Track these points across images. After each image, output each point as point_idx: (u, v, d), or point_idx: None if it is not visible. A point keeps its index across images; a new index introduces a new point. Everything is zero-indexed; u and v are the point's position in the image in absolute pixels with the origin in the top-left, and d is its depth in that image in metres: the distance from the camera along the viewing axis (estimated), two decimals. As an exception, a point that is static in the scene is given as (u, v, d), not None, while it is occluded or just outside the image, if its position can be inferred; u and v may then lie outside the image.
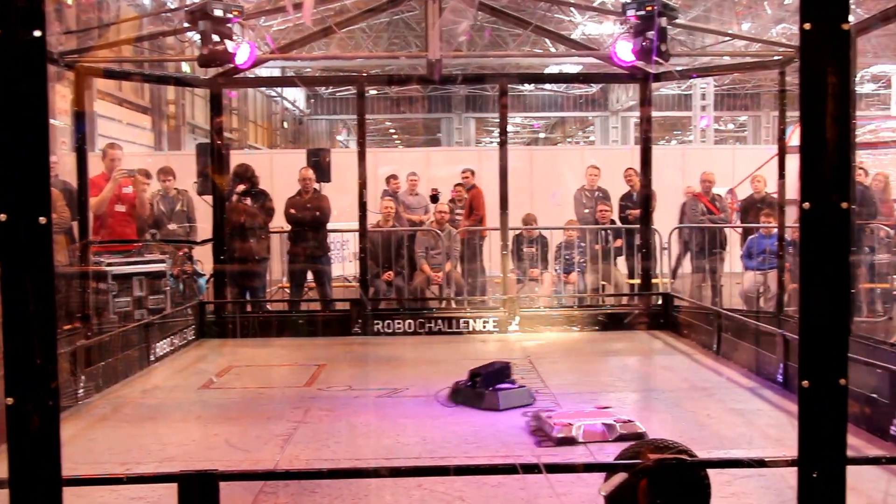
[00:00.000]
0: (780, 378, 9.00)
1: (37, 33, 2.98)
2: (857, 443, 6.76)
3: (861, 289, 14.45)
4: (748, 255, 15.39)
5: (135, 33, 16.88)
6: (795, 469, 3.47)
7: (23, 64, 2.97)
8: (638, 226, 14.39)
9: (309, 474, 5.80)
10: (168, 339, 11.63)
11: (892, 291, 14.98)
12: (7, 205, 2.94)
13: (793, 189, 10.67)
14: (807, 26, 3.24)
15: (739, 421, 7.78)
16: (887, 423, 6.93)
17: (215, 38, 11.56)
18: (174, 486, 4.35)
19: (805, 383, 3.36)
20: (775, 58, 12.65)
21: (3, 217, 2.93)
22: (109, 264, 12.21)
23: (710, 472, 4.60)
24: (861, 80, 40.48)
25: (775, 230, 13.26)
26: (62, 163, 13.03)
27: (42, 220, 2.95)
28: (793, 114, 11.53)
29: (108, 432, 7.81)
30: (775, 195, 13.57)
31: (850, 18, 3.29)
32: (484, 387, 8.49)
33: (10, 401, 2.98)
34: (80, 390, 8.95)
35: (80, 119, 12.16)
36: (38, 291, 2.95)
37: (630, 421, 7.20)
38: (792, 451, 3.57)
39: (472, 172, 17.33)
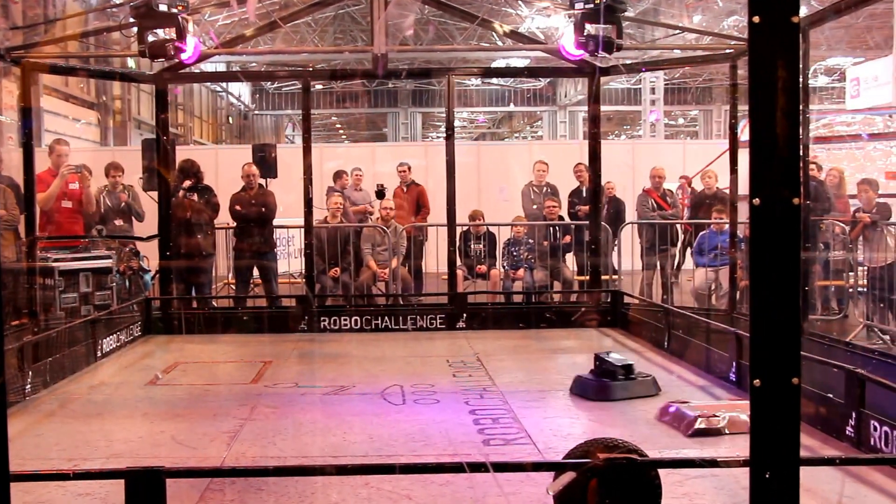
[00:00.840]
0: (732, 377, 9.05)
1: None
2: (812, 443, 6.81)
3: (815, 286, 14.55)
4: (699, 252, 15.48)
5: (80, 29, 16.74)
6: (748, 469, 3.50)
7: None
8: (587, 222, 14.45)
9: (255, 472, 5.81)
10: (114, 335, 11.56)
11: (846, 289, 15.08)
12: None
13: (744, 184, 10.79)
14: (756, 19, 3.27)
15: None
16: (843, 424, 6.94)
17: (160, 33, 11.50)
18: (121, 482, 4.34)
19: (756, 382, 3.39)
20: (726, 51, 12.72)
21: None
22: (56, 260, 12.16)
23: (662, 472, 4.61)
24: (815, 74, 40.85)
25: (727, 226, 13.34)
26: (8, 159, 12.93)
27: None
28: (745, 108, 11.64)
29: (55, 428, 7.76)
30: (727, 190, 13.67)
31: (802, 11, 3.33)
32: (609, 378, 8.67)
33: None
34: (27, 386, 8.89)
35: (27, 115, 12.08)
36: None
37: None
38: (745, 452, 3.60)
39: (409, 167, 17.36)
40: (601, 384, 8.65)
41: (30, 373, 8.99)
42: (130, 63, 19.46)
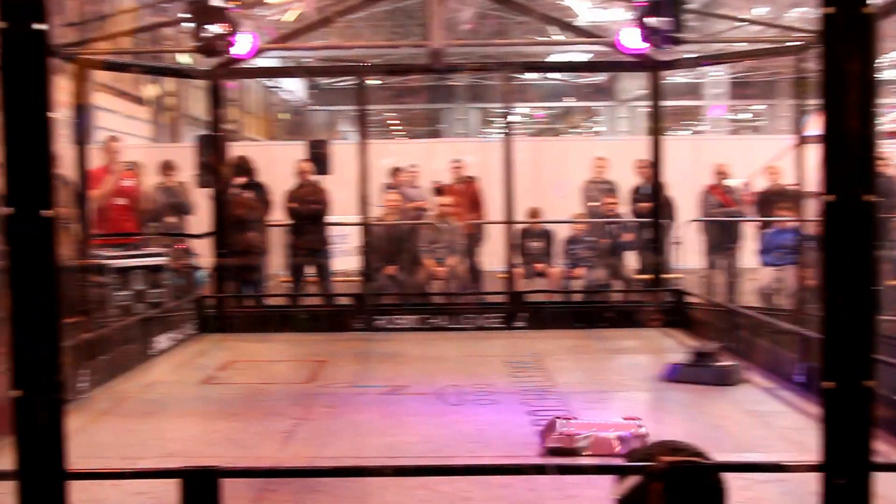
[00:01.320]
0: (799, 378, 8.98)
1: (39, 26, 3.00)
2: (885, 449, 6.72)
3: (887, 286, 14.36)
4: (764, 250, 15.34)
5: (134, 25, 16.91)
6: (818, 474, 3.46)
7: (27, 57, 2.99)
8: (649, 219, 14.37)
9: (311, 472, 5.84)
10: (168, 333, 11.67)
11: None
12: (12, 199, 2.97)
13: (811, 181, 10.65)
14: (829, 10, 3.24)
15: (757, 423, 7.76)
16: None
17: (214, 28, 11.60)
18: (176, 481, 4.38)
19: (828, 385, 3.35)
20: (792, 43, 12.61)
21: (8, 211, 2.96)
22: (110, 258, 12.27)
23: (727, 476, 4.59)
24: (883, 66, 40.38)
25: (792, 224, 13.23)
26: (62, 156, 13.07)
27: (47, 213, 2.98)
28: (811, 102, 11.54)
29: (109, 427, 7.85)
30: (793, 187, 13.54)
31: (873, 0, 3.29)
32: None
33: (16, 393, 3.01)
34: (82, 384, 8.98)
35: (81, 112, 12.21)
36: (43, 285, 2.97)
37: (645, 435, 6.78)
38: (813, 456, 3.56)
39: (463, 163, 17.33)
40: (720, 370, 9.09)
41: (84, 371, 9.08)
42: (184, 59, 19.61)
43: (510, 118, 13.64)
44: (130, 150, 16.64)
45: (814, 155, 3.20)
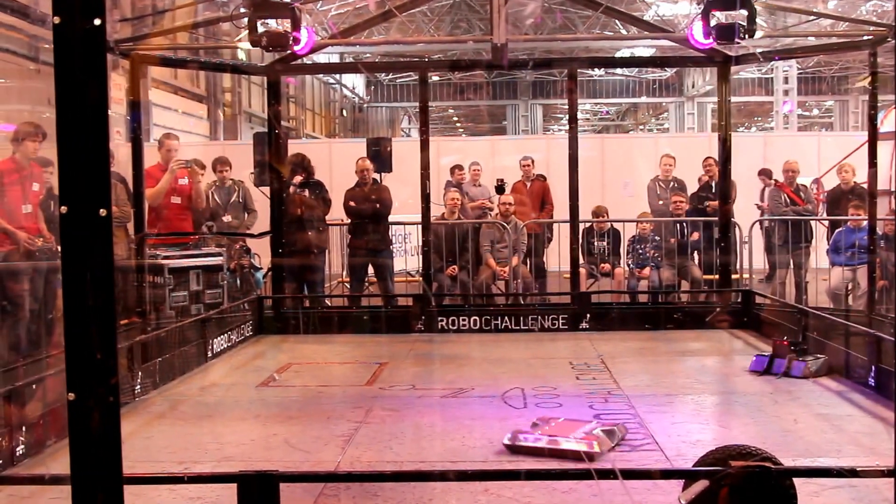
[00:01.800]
0: (871, 381, 8.88)
1: (97, 21, 3.02)
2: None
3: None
4: (835, 250, 15.20)
5: (190, 20, 17.01)
6: (892, 480, 3.42)
7: (83, 53, 3.01)
8: (716, 218, 14.28)
9: (371, 476, 5.85)
10: (226, 334, 11.74)
11: None
12: (67, 197, 2.99)
13: (885, 179, 10.55)
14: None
15: (827, 427, 7.68)
16: None
17: (272, 23, 11.66)
18: (233, 486, 4.40)
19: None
20: (865, 37, 12.47)
21: (64, 209, 2.98)
22: (166, 258, 12.34)
23: (797, 481, 4.54)
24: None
25: (865, 223, 13.09)
26: (117, 154, 13.18)
27: (102, 212, 2.99)
28: (885, 97, 11.40)
29: (165, 430, 7.91)
30: (865, 185, 13.39)
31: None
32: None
33: (71, 396, 3.03)
34: (138, 387, 9.07)
35: (136, 108, 12.31)
36: (98, 285, 2.99)
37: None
38: (886, 461, 3.52)
39: (533, 161, 17.28)
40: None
41: (140, 373, 9.16)
42: (241, 55, 19.74)
43: (576, 115, 13.52)
44: (187, 148, 16.77)
45: (887, 152, 3.14)
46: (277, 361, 11.16)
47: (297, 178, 13.97)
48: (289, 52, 12.42)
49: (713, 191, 15.92)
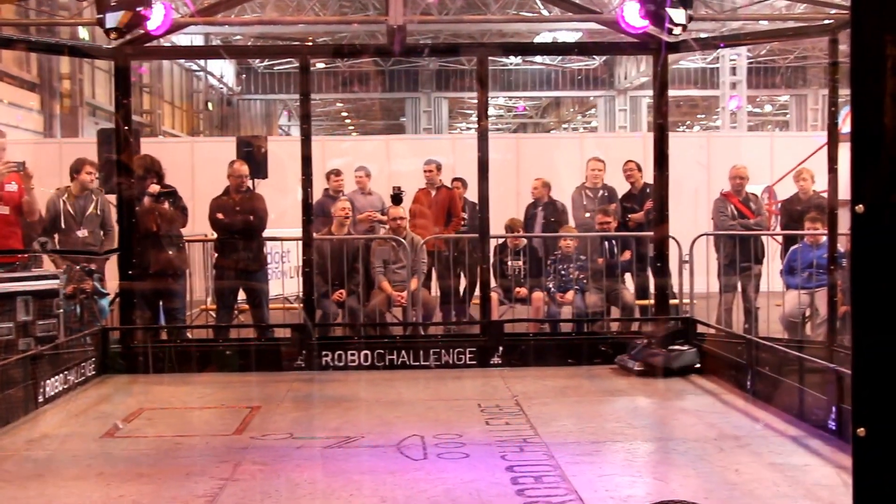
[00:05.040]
0: (832, 425, 9.00)
1: None
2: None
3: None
4: (790, 271, 15.40)
5: (19, -10, 16.85)
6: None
7: None
8: (650, 233, 14.40)
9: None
10: (61, 374, 11.54)
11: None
12: None
13: (846, 187, 10.69)
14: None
15: (780, 479, 7.78)
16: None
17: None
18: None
19: (861, 432, 3.35)
20: (825, 22, 12.66)
21: None
22: (-14, 281, 12.14)
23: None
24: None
25: (824, 239, 13.27)
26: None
27: None
28: (847, 92, 11.58)
29: (-16, 493, 7.79)
30: (825, 195, 13.59)
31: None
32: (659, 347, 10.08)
33: None
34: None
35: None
36: None
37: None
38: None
39: (439, 166, 17.31)
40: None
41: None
42: (83, 34, 19.51)
43: (486, 110, 13.57)
44: (15, 148, 16.53)
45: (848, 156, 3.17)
46: (126, 407, 11.03)
47: (154, 187, 13.79)
48: (140, 31, 12.30)
49: (641, 201, 16.10)
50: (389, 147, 26.84)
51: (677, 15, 11.65)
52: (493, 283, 14.49)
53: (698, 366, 11.17)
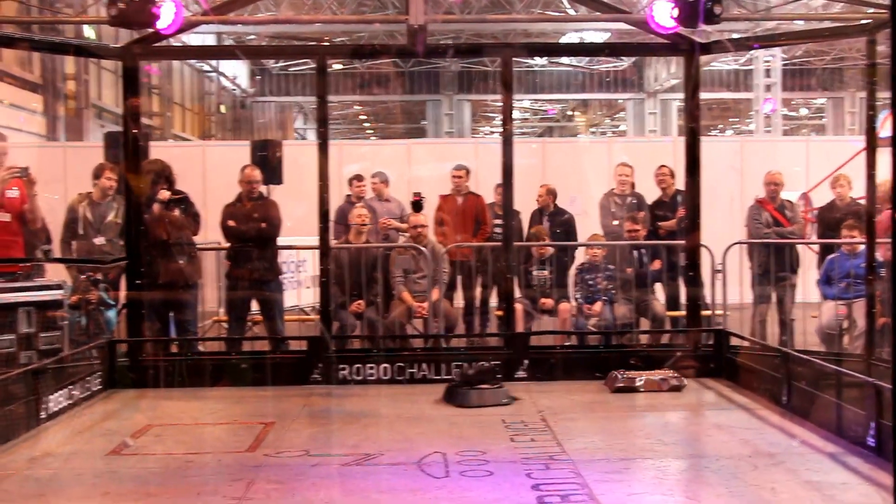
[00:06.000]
0: (871, 441, 8.95)
1: None
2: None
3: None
4: (827, 281, 15.33)
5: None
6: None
7: None
8: (681, 242, 14.34)
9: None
10: (66, 389, 11.51)
11: None
12: None
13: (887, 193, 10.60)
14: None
15: (818, 497, 7.74)
16: None
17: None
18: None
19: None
20: (863, 21, 12.59)
21: None
22: (-13, 291, 12.11)
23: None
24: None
25: (862, 247, 13.21)
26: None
27: None
28: (887, 95, 11.51)
29: (-20, 515, 7.78)
30: (862, 201, 13.53)
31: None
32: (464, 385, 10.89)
33: None
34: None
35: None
36: None
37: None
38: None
39: (468, 171, 17.27)
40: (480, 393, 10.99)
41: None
42: (89, 33, 19.50)
43: (511, 114, 13.54)
44: (17, 151, 16.52)
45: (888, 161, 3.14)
46: (133, 423, 11.01)
47: (164, 194, 13.72)
48: (150, 30, 12.29)
49: (673, 208, 16.05)
50: (410, 151, 26.84)
51: (709, 15, 11.61)
52: (517, 294, 14.44)
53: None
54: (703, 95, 14.21)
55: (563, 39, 38.24)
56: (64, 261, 14.07)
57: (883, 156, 11.64)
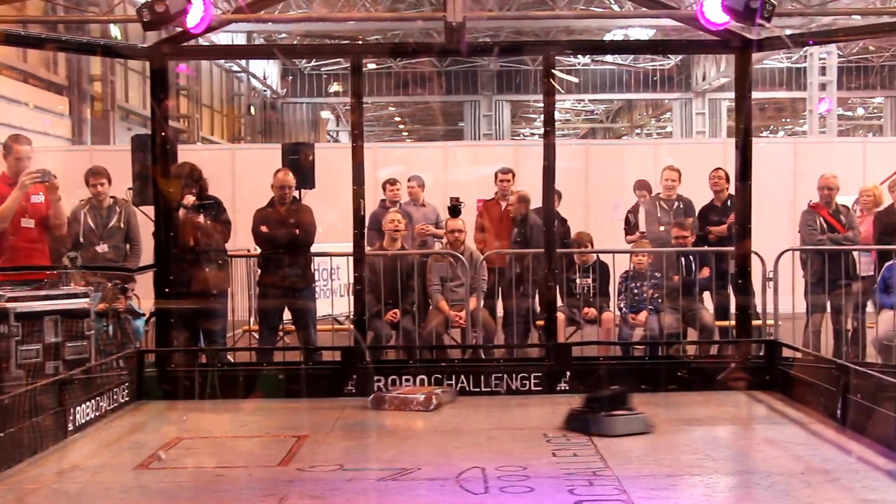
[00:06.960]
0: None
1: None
2: None
3: None
4: (885, 289, 15.27)
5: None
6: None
7: None
8: (731, 248, 14.33)
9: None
10: (93, 400, 11.56)
11: None
12: None
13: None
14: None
15: (874, 515, 7.75)
16: None
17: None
18: None
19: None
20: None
21: None
22: (12, 299, 12.11)
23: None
24: None
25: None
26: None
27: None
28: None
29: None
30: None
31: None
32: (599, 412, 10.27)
33: None
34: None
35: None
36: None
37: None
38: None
39: (514, 174, 17.25)
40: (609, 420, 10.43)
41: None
42: (115, 32, 19.57)
43: (553, 115, 13.54)
44: (42, 155, 16.60)
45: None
46: (162, 435, 11.06)
47: (189, 199, 13.70)
48: (178, 29, 12.34)
49: (725, 213, 16.03)
50: (447, 154, 26.83)
51: (762, 10, 11.59)
52: (559, 303, 14.45)
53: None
54: (755, 94, 14.14)
55: (607, 37, 38.18)
56: (92, 268, 14.11)
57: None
